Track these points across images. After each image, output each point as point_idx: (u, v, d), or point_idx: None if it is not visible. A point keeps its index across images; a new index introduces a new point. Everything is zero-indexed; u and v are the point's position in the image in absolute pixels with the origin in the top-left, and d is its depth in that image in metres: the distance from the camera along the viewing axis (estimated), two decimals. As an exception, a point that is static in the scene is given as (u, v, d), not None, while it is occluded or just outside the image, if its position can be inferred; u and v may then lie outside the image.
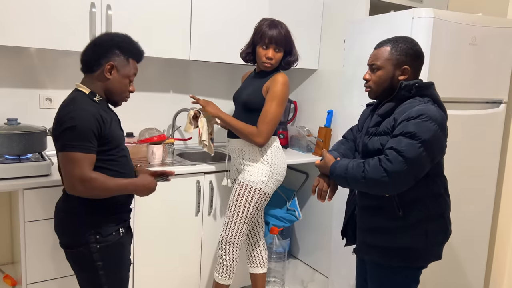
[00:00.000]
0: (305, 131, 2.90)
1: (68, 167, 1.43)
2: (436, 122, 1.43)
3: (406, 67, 1.53)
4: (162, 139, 2.37)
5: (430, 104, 1.50)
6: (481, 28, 2.18)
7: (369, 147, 1.58)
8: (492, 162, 2.41)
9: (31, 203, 1.84)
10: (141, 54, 1.62)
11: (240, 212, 2.09)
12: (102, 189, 1.47)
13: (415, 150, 1.40)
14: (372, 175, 1.45)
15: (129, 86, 1.60)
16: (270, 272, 2.69)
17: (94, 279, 1.55)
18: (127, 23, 2.18)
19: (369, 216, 1.61)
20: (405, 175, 1.42)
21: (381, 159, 1.44)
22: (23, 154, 1.89)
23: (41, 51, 2.29)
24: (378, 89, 1.59)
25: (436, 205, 1.56)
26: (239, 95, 2.19)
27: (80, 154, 1.42)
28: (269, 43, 2.02)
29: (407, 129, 1.43)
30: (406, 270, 1.58)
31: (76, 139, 1.42)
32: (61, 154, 1.44)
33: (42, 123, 2.19)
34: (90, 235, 1.51)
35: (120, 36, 1.58)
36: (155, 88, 2.70)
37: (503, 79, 2.36)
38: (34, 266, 1.88)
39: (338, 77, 2.66)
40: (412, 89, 1.51)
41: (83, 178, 1.42)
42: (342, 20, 2.65)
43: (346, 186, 1.63)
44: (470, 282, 2.48)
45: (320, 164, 1.68)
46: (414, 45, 1.56)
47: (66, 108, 1.47)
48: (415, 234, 1.53)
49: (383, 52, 1.56)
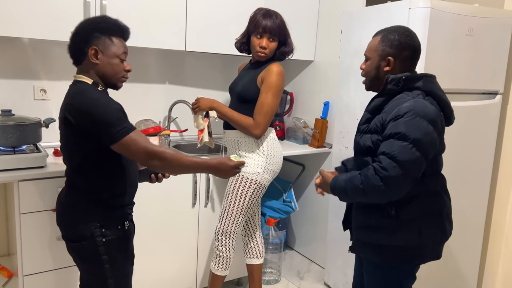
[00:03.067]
0: (302, 123, 2.89)
1: (132, 151, 1.42)
2: (425, 118, 1.39)
3: (390, 58, 1.51)
4: (158, 130, 2.36)
5: (420, 98, 1.45)
6: (478, 18, 2.18)
7: (361, 144, 1.57)
8: (487, 153, 2.42)
9: (26, 195, 1.83)
10: (123, 29, 1.56)
11: (237, 203, 2.09)
12: (175, 160, 1.47)
13: (407, 152, 1.37)
14: (370, 186, 1.41)
15: (122, 66, 1.55)
16: (267, 263, 2.70)
17: (99, 273, 1.54)
18: (122, 13, 2.15)
19: (364, 214, 1.59)
20: (403, 179, 1.38)
21: (376, 168, 1.40)
22: (18, 145, 1.87)
23: (35, 41, 2.27)
24: (367, 79, 1.59)
25: (432, 204, 1.53)
26: (234, 86, 2.18)
27: (132, 134, 1.42)
28: (263, 32, 2.00)
29: (396, 129, 1.40)
30: (401, 267, 1.57)
31: (118, 125, 1.40)
32: (116, 145, 1.42)
33: (37, 114, 2.18)
34: (95, 229, 1.50)
35: (96, 19, 1.54)
36: (151, 79, 2.69)
37: (499, 70, 2.36)
38: (30, 258, 1.88)
39: (335, 68, 2.66)
40: (399, 83, 1.48)
41: (151, 152, 1.43)
42: (339, 11, 2.64)
43: (350, 200, 1.60)
44: (464, 275, 2.50)
45: (320, 183, 1.65)
46: (404, 36, 1.51)
47: (85, 102, 1.42)
48: (409, 232, 1.50)
49: (373, 42, 1.55)
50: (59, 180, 1.86)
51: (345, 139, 2.50)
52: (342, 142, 2.52)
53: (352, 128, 2.44)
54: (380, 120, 1.49)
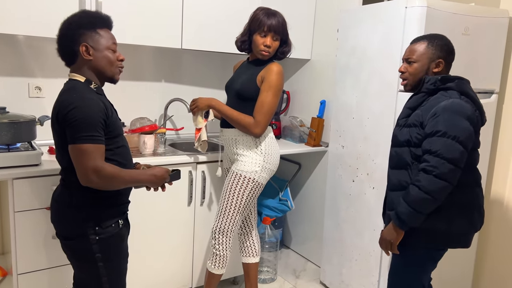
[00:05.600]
0: (298, 121, 2.89)
1: (80, 160, 1.40)
2: (462, 115, 1.53)
3: (440, 60, 1.66)
4: (154, 128, 2.35)
5: (455, 96, 1.58)
6: (473, 18, 2.18)
7: (399, 138, 1.68)
8: (483, 151, 2.42)
9: (20, 193, 1.81)
10: (105, 20, 1.54)
11: (234, 202, 2.08)
12: (117, 180, 1.46)
13: (451, 147, 1.50)
14: (430, 187, 1.51)
15: (115, 56, 1.54)
16: (263, 262, 2.70)
17: (93, 271, 1.53)
18: (118, 10, 2.14)
19: (396, 197, 1.66)
20: (454, 171, 1.51)
21: (426, 170, 1.52)
22: (12, 143, 1.86)
23: (30, 38, 2.25)
24: (414, 81, 1.71)
25: (464, 196, 1.62)
26: (232, 84, 2.17)
27: (91, 145, 1.40)
28: (268, 31, 2.01)
29: (436, 127, 1.53)
30: (427, 249, 1.67)
31: (85, 130, 1.39)
32: (72, 147, 1.41)
33: (32, 112, 2.16)
34: (89, 227, 1.49)
35: (76, 16, 1.52)
36: (147, 77, 2.68)
37: (495, 70, 2.36)
38: (25, 256, 1.87)
39: (331, 67, 2.65)
40: (436, 83, 1.62)
41: (96, 169, 1.40)
42: (336, 10, 2.64)
43: (422, 218, 1.59)
44: (459, 275, 2.51)
45: (386, 233, 1.66)
46: (448, 42, 1.69)
47: (69, 99, 1.42)
48: (437, 219, 1.59)
49: (420, 47, 1.69)
50: (54, 178, 1.84)
51: (341, 138, 2.50)
52: (339, 140, 2.52)
53: (348, 127, 2.44)
54: (419, 115, 1.62)
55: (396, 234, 1.61)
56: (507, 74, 2.45)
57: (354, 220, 2.41)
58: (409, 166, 1.63)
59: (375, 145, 2.26)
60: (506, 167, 2.48)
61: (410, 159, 1.63)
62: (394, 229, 1.62)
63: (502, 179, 2.51)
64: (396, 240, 1.62)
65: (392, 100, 2.15)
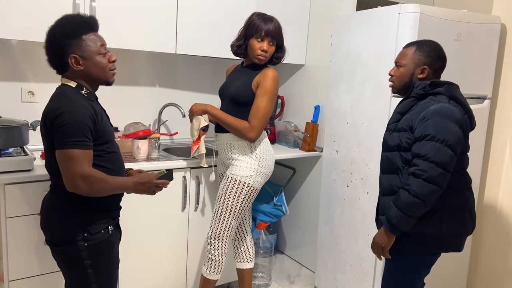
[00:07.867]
0: (292, 126, 2.90)
1: (67, 165, 1.39)
2: (450, 119, 1.53)
3: (425, 67, 1.66)
4: (148, 133, 2.34)
5: (444, 101, 1.59)
6: (466, 24, 2.20)
7: (389, 142, 1.69)
8: (476, 157, 2.44)
9: (12, 198, 1.80)
10: (89, 23, 1.49)
11: (229, 206, 2.08)
12: (103, 187, 1.44)
13: (439, 151, 1.51)
14: (420, 191, 1.52)
15: (106, 59, 1.51)
16: (257, 267, 2.69)
17: (82, 278, 1.52)
18: (112, 15, 2.14)
19: (388, 202, 1.67)
20: (444, 174, 1.52)
21: (416, 174, 1.52)
22: (4, 148, 1.84)
23: (23, 43, 2.24)
24: (399, 85, 1.73)
25: (455, 199, 1.63)
26: (226, 89, 2.17)
27: (79, 151, 1.39)
28: (265, 36, 2.01)
29: (426, 131, 1.54)
30: (420, 254, 1.68)
31: (73, 135, 1.38)
32: (59, 152, 1.40)
33: (24, 117, 2.14)
34: (77, 233, 1.48)
35: (58, 26, 1.46)
36: (141, 81, 2.67)
37: (487, 75, 2.38)
38: (16, 263, 1.85)
39: (326, 72, 2.66)
40: (425, 88, 1.63)
41: (83, 175, 1.39)
42: (330, 15, 2.65)
43: (412, 222, 1.59)
44: (454, 274, 2.52)
45: (378, 238, 1.67)
46: (438, 49, 1.69)
47: (58, 103, 1.41)
48: (430, 223, 1.60)
49: (408, 51, 1.70)
50: (46, 184, 1.82)
51: (335, 143, 2.50)
52: (333, 145, 2.52)
53: (342, 132, 2.44)
54: (408, 120, 1.63)
55: (387, 238, 1.62)
56: (499, 80, 2.47)
57: (348, 225, 2.41)
58: (399, 171, 1.64)
59: (369, 150, 2.27)
60: (499, 172, 2.50)
61: (401, 163, 1.63)
62: (385, 233, 1.62)
63: (495, 183, 2.52)
64: (388, 245, 1.63)
65: (386, 105, 2.16)
